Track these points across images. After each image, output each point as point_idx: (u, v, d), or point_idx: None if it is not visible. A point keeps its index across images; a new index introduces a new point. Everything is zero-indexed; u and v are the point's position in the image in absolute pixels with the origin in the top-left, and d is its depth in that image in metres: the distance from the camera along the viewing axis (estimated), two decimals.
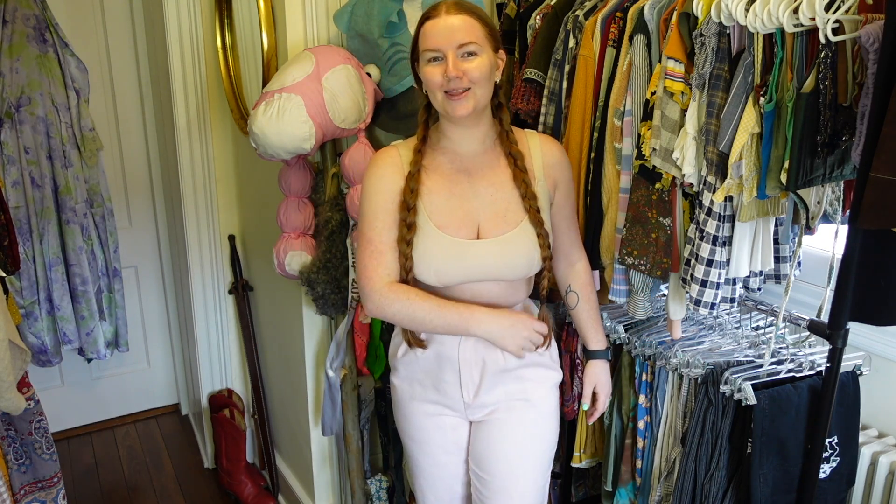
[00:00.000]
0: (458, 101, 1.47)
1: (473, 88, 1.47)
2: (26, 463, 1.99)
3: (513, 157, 1.56)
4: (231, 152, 2.83)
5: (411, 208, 1.52)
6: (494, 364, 1.60)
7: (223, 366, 3.09)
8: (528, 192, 1.55)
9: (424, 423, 1.68)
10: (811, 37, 1.23)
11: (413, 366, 1.65)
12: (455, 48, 1.45)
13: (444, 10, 1.47)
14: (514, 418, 1.64)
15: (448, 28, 1.45)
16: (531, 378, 1.64)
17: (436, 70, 1.47)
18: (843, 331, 1.37)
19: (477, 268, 1.53)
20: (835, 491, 1.67)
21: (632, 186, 1.59)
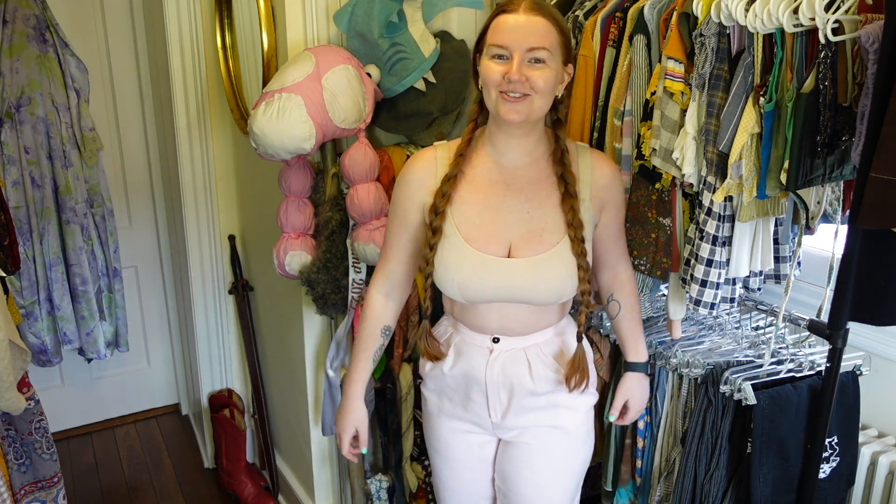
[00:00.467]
0: (512, 105, 1.37)
1: (532, 97, 1.37)
2: (26, 463, 1.99)
3: (565, 181, 1.46)
4: (231, 152, 2.83)
5: (439, 213, 1.46)
6: (522, 387, 1.53)
7: (223, 366, 3.09)
8: (576, 220, 1.45)
9: (451, 438, 1.64)
10: (811, 37, 1.23)
11: (440, 381, 1.61)
12: (524, 51, 1.35)
13: (522, 7, 1.36)
14: (545, 444, 1.57)
15: (522, 27, 1.35)
16: (565, 405, 1.56)
17: (498, 67, 1.36)
18: (843, 331, 1.37)
19: (503, 288, 1.45)
20: (835, 491, 1.67)
21: (632, 186, 1.59)
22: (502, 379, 1.53)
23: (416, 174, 1.52)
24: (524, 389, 1.53)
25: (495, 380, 1.53)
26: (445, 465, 1.68)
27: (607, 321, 1.88)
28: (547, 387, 1.54)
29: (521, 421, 1.56)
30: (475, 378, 1.55)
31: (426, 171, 1.51)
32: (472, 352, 1.55)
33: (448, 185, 1.47)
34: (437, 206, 1.47)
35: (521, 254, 1.45)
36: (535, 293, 1.45)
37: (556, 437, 1.57)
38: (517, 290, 1.45)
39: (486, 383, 1.54)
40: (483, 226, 1.46)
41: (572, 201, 1.45)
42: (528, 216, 1.46)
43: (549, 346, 1.54)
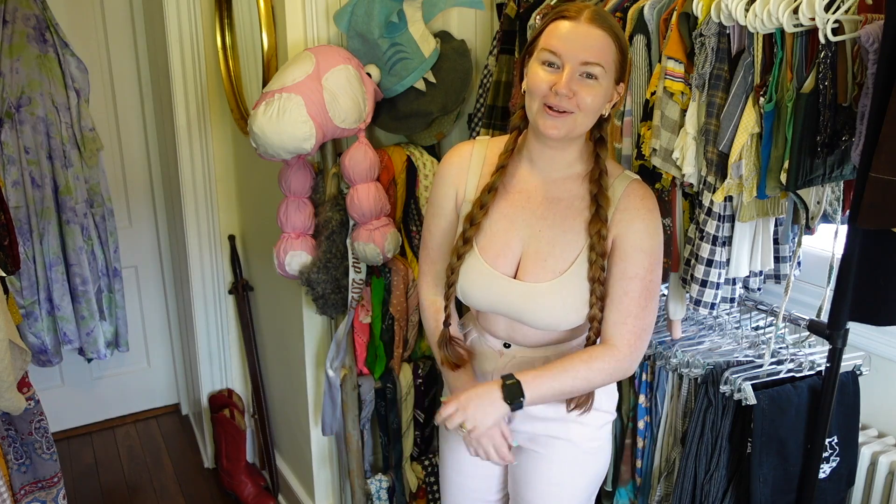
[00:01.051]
0: (553, 120, 1.29)
1: (577, 115, 1.29)
2: (26, 463, 1.99)
3: (597, 203, 1.36)
4: (231, 152, 2.83)
5: (475, 224, 1.41)
6: None
7: (223, 366, 3.09)
8: (599, 246, 1.35)
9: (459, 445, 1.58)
10: (811, 37, 1.23)
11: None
12: (577, 63, 1.26)
13: (584, 16, 1.27)
14: (553, 455, 1.53)
15: (581, 38, 1.26)
16: (575, 419, 1.49)
17: (546, 76, 1.28)
18: (843, 331, 1.37)
19: (502, 306, 1.43)
20: (834, 491, 1.67)
21: None
22: None
23: (452, 169, 1.49)
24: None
25: None
26: (452, 457, 1.66)
27: None
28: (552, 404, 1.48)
29: (530, 427, 1.53)
30: (485, 378, 1.53)
31: (460, 167, 1.48)
32: (484, 352, 1.54)
33: (488, 196, 1.41)
34: (475, 216, 1.41)
35: (524, 276, 1.41)
36: (531, 318, 1.42)
37: (565, 449, 1.53)
38: (515, 311, 1.42)
39: None
40: (495, 236, 1.42)
41: (600, 226, 1.35)
42: (539, 234, 1.40)
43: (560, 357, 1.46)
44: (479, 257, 1.43)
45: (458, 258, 1.43)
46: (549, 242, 1.40)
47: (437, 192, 1.52)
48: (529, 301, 1.40)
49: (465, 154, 1.49)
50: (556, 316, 1.40)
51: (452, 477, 1.68)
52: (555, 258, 1.39)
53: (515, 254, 1.42)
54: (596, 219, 1.36)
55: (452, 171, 1.49)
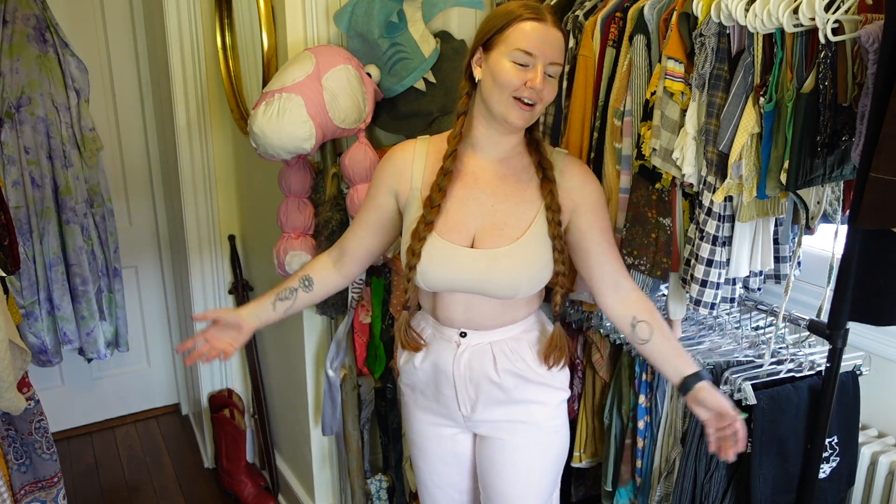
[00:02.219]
0: (522, 111, 1.41)
1: (538, 107, 1.42)
2: (26, 463, 1.99)
3: (542, 168, 1.50)
4: (231, 152, 2.84)
5: (435, 206, 1.47)
6: (488, 381, 1.55)
7: (223, 366, 3.09)
8: (554, 203, 1.47)
9: (425, 430, 1.68)
10: (811, 37, 1.23)
11: (413, 375, 1.64)
12: (547, 63, 1.39)
13: (550, 20, 1.40)
14: (517, 440, 1.59)
15: (551, 39, 1.39)
16: (535, 399, 1.58)
17: (518, 72, 1.38)
18: (843, 331, 1.37)
19: (461, 278, 1.48)
20: (835, 491, 1.67)
21: (632, 186, 1.59)
22: (469, 373, 1.56)
23: (394, 162, 1.56)
24: (491, 384, 1.55)
25: (462, 374, 1.56)
26: (421, 457, 1.72)
27: (607, 321, 1.88)
28: (512, 381, 1.56)
29: (491, 415, 1.58)
30: (444, 371, 1.57)
31: (404, 161, 1.55)
32: (440, 346, 1.58)
33: (445, 180, 1.48)
34: (434, 199, 1.48)
35: (481, 246, 1.47)
36: (491, 285, 1.47)
37: (528, 432, 1.59)
38: (474, 281, 1.47)
39: (455, 377, 1.57)
40: (447, 215, 1.49)
41: (551, 185, 1.48)
42: (492, 209, 1.48)
43: (515, 343, 1.56)
44: (435, 235, 1.48)
45: (419, 240, 1.47)
46: (504, 214, 1.48)
47: (375, 183, 1.59)
48: (490, 267, 1.46)
49: (408, 149, 1.56)
50: (515, 279, 1.46)
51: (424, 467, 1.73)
52: (511, 226, 1.47)
53: (470, 230, 1.48)
54: (545, 181, 1.49)
55: (395, 166, 1.56)
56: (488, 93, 1.42)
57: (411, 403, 1.69)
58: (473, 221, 1.49)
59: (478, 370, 1.55)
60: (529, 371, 1.56)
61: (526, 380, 1.56)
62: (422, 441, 1.70)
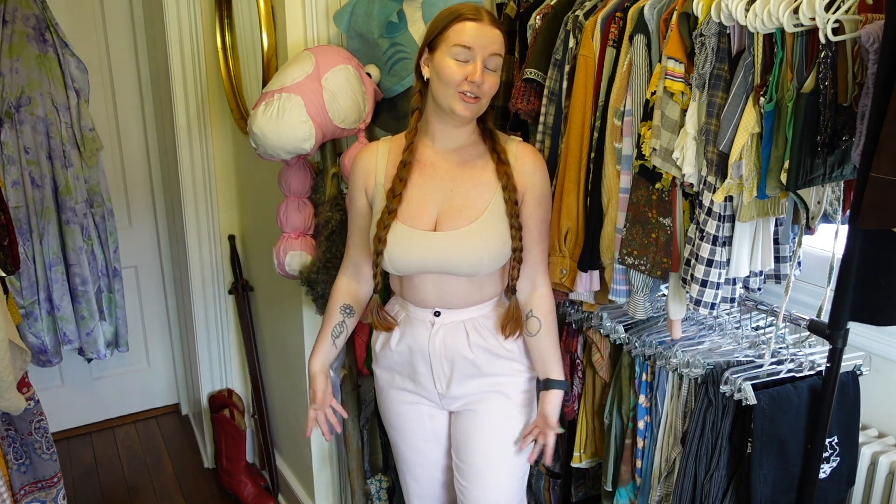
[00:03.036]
0: (467, 104, 1.53)
1: (482, 100, 1.55)
2: (26, 463, 1.99)
3: (496, 153, 1.62)
4: (231, 152, 2.84)
5: (397, 195, 1.60)
6: (462, 358, 1.67)
7: (223, 366, 3.09)
8: (510, 185, 1.60)
9: (402, 410, 1.78)
10: (811, 37, 1.23)
11: (389, 357, 1.75)
12: (486, 56, 1.51)
13: (486, 18, 1.52)
14: (488, 409, 1.71)
15: (488, 35, 1.51)
16: (502, 372, 1.71)
17: (460, 68, 1.51)
18: (843, 331, 1.37)
19: (426, 260, 1.59)
20: (835, 491, 1.67)
21: (632, 186, 1.59)
22: (444, 350, 1.67)
23: (361, 163, 1.69)
24: (464, 359, 1.67)
25: (438, 351, 1.67)
26: (401, 438, 1.82)
27: (607, 321, 1.88)
28: (483, 356, 1.68)
29: (465, 389, 1.70)
30: (420, 350, 1.69)
31: (369, 161, 1.68)
32: (416, 326, 1.69)
33: (404, 171, 1.61)
34: (395, 188, 1.60)
35: (443, 228, 1.60)
36: (455, 264, 1.59)
37: (497, 402, 1.71)
38: (438, 261, 1.59)
39: (430, 355, 1.68)
40: (409, 202, 1.61)
41: (505, 168, 1.61)
42: (451, 194, 1.61)
43: (487, 320, 1.68)
44: (398, 223, 1.60)
45: (383, 228, 1.59)
46: (462, 197, 1.61)
47: (351, 190, 1.72)
48: (451, 247, 1.58)
49: (371, 150, 1.69)
50: (478, 255, 1.59)
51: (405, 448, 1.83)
52: (469, 208, 1.60)
53: (431, 215, 1.61)
54: (500, 164, 1.62)
55: (362, 167, 1.69)
56: (436, 90, 1.55)
57: (387, 386, 1.79)
58: (434, 207, 1.61)
59: (451, 347, 1.67)
60: (498, 347, 1.69)
61: (495, 355, 1.69)
62: (401, 422, 1.80)
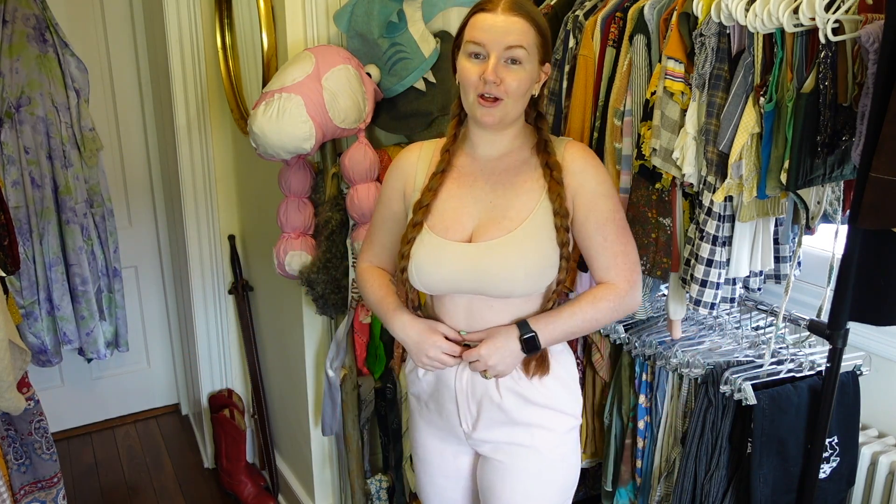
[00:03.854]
0: (486, 109, 1.37)
1: (505, 101, 1.36)
2: (26, 463, 1.99)
3: (549, 169, 1.42)
4: (231, 152, 2.83)
5: (423, 207, 1.45)
6: (489, 400, 1.47)
7: (223, 366, 3.09)
8: (562, 209, 1.40)
9: (427, 442, 1.62)
10: (811, 37, 1.23)
11: (416, 385, 1.59)
12: (501, 50, 1.33)
13: (500, 6, 1.34)
14: (518, 465, 1.49)
15: (500, 26, 1.33)
16: (535, 421, 1.48)
17: (474, 67, 1.36)
18: (843, 331, 1.37)
19: (458, 275, 1.41)
20: (835, 491, 1.67)
21: (632, 186, 1.59)
22: (471, 388, 1.48)
23: (400, 164, 1.55)
24: (491, 402, 1.47)
25: (464, 389, 1.49)
26: (423, 471, 1.65)
27: None
28: (513, 401, 1.46)
29: (493, 435, 1.50)
30: (446, 384, 1.51)
31: (409, 164, 1.54)
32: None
33: (435, 180, 1.46)
34: (423, 200, 1.46)
35: (478, 239, 1.42)
36: (487, 279, 1.39)
37: (530, 458, 1.49)
38: (467, 275, 1.40)
39: (456, 392, 1.50)
40: (444, 213, 1.45)
41: (559, 189, 1.41)
42: (491, 205, 1.43)
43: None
44: (430, 232, 1.44)
45: (407, 243, 1.44)
46: (502, 207, 1.43)
47: (386, 186, 1.58)
48: (483, 259, 1.39)
49: (413, 152, 1.55)
50: (513, 269, 1.38)
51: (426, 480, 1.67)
52: (509, 218, 1.41)
53: (467, 228, 1.44)
54: (553, 184, 1.41)
55: (400, 169, 1.55)
56: (462, 96, 1.42)
57: (416, 414, 1.64)
58: (471, 220, 1.44)
59: (479, 386, 1.47)
60: (532, 391, 1.46)
61: (527, 400, 1.46)
62: (424, 453, 1.64)
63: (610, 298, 1.44)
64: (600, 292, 1.44)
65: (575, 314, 1.43)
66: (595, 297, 1.44)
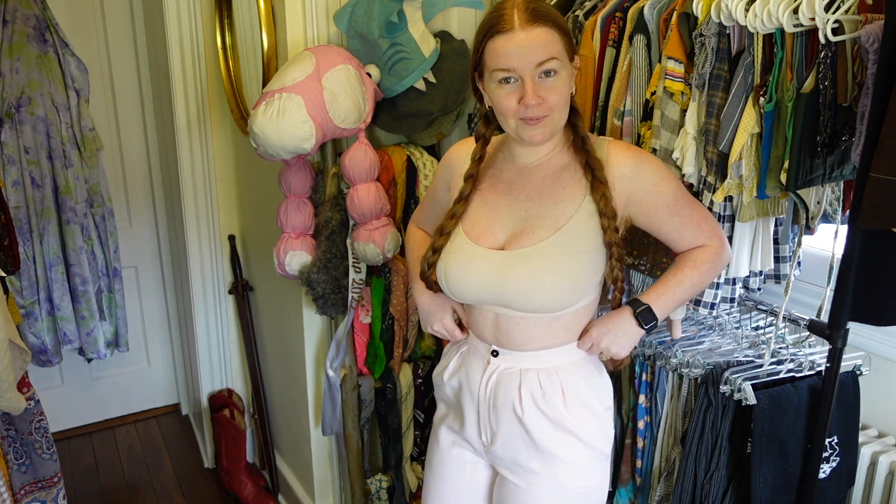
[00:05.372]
0: (534, 129, 1.30)
1: (552, 114, 1.30)
2: (26, 463, 1.99)
3: (591, 168, 1.34)
4: (231, 152, 2.83)
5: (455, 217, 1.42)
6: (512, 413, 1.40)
7: (223, 366, 3.09)
8: (608, 209, 1.32)
9: (445, 450, 1.54)
10: (811, 37, 1.23)
11: (441, 389, 1.54)
12: (533, 69, 1.25)
13: (517, 22, 1.24)
14: (535, 493, 1.42)
15: (524, 46, 1.24)
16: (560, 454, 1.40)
17: (510, 95, 1.28)
18: (843, 331, 1.37)
19: (480, 283, 1.36)
20: (835, 491, 1.67)
21: None
22: (494, 399, 1.42)
23: (452, 157, 1.53)
24: (513, 417, 1.40)
25: (487, 398, 1.43)
26: (432, 479, 1.57)
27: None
28: (537, 421, 1.39)
29: (510, 453, 1.43)
30: (471, 391, 1.45)
31: (460, 157, 1.50)
32: (473, 361, 1.46)
33: (466, 185, 1.43)
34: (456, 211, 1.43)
35: (508, 248, 1.37)
36: (508, 292, 1.34)
37: (549, 489, 1.41)
38: (494, 286, 1.35)
39: (479, 401, 1.44)
40: (477, 221, 1.41)
41: (603, 188, 1.32)
42: (525, 214, 1.37)
43: (552, 375, 1.39)
44: (462, 235, 1.41)
45: (441, 235, 1.42)
46: (537, 217, 1.36)
47: (436, 175, 1.60)
48: (508, 268, 1.33)
49: (465, 146, 1.51)
50: (534, 284, 1.32)
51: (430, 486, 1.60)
52: (543, 228, 1.34)
53: (498, 237, 1.38)
54: (597, 183, 1.34)
55: (451, 161, 1.53)
56: (500, 120, 1.35)
57: (439, 418, 1.57)
58: (503, 229, 1.38)
59: (502, 398, 1.40)
60: (563, 414, 1.39)
61: (554, 424, 1.39)
62: (440, 461, 1.55)
63: (708, 259, 1.40)
64: (699, 255, 1.40)
65: (682, 282, 1.39)
66: (695, 261, 1.39)
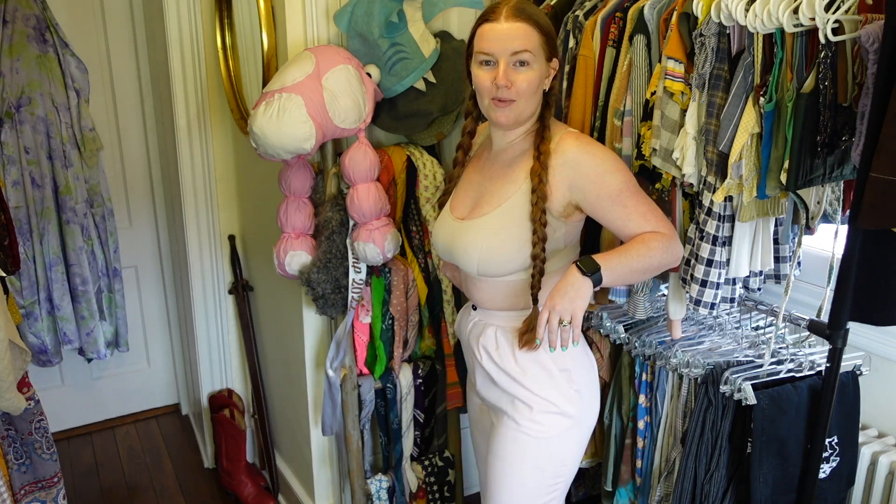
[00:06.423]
0: (500, 110, 1.49)
1: (518, 101, 1.48)
2: (26, 463, 1.99)
3: (538, 151, 1.50)
4: (231, 152, 2.83)
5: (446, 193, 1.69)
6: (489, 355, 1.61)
7: (223, 366, 3.08)
8: (540, 189, 1.47)
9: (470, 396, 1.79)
10: (811, 37, 1.23)
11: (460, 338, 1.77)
12: (508, 55, 1.45)
13: (503, 15, 1.46)
14: (500, 430, 1.61)
15: (504, 34, 1.45)
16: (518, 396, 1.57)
17: (486, 75, 1.48)
18: (843, 331, 1.37)
19: (443, 245, 1.62)
20: (835, 491, 1.67)
21: None
22: (475, 345, 1.65)
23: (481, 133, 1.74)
24: (490, 358, 1.61)
25: (469, 343, 1.67)
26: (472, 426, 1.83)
27: (607, 321, 1.88)
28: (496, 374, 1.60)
29: (490, 397, 1.65)
30: (463, 336, 1.71)
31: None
32: (464, 314, 1.72)
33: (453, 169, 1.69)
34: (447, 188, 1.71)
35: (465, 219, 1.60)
36: (456, 254, 1.58)
37: (507, 425, 1.59)
38: (445, 248, 1.62)
39: (466, 344, 1.70)
40: (457, 194, 1.65)
41: (540, 171, 1.48)
42: (482, 189, 1.59)
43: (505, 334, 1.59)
44: (448, 206, 1.66)
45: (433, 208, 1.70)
46: (489, 193, 1.57)
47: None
48: (456, 237, 1.58)
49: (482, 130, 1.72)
50: (472, 251, 1.53)
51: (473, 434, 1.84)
52: (488, 203, 1.55)
53: (466, 207, 1.61)
54: (536, 164, 1.49)
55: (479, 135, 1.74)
56: (478, 100, 1.55)
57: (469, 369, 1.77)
58: (469, 202, 1.61)
59: (475, 345, 1.65)
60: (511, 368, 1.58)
61: (509, 375, 1.59)
62: (470, 408, 1.81)
63: (657, 241, 1.43)
64: (647, 235, 1.44)
65: (629, 250, 1.42)
66: (643, 239, 1.43)
